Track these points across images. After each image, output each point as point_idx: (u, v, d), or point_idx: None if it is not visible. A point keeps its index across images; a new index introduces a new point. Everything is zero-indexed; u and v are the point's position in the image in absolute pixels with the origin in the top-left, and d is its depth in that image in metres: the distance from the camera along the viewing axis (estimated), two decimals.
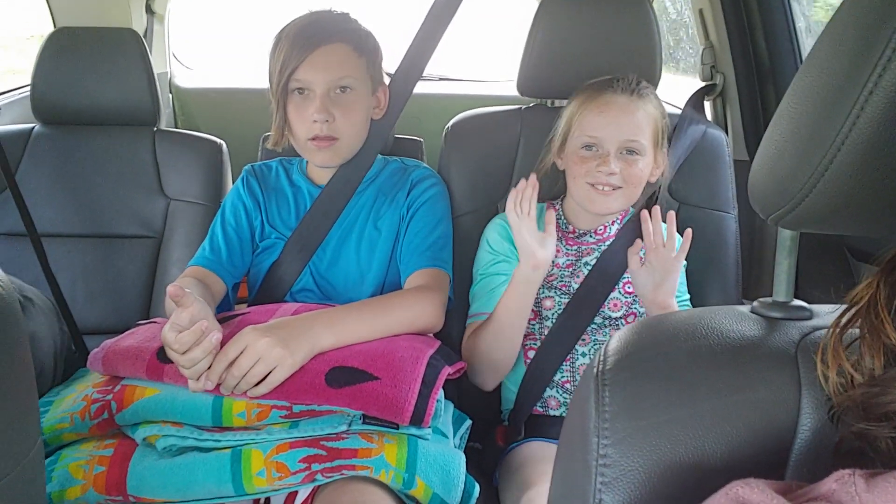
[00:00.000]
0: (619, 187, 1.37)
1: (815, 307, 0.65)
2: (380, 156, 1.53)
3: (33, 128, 1.82)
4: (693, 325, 0.61)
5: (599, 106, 1.38)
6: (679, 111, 1.64)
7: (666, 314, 0.67)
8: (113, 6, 2.52)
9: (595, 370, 0.60)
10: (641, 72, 1.48)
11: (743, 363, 0.59)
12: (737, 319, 0.62)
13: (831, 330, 0.55)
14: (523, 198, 1.31)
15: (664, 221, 1.36)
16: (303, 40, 1.35)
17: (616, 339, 0.62)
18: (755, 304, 0.65)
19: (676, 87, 2.00)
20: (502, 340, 1.37)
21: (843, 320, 0.55)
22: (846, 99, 0.48)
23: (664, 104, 1.46)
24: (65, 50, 1.80)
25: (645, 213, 1.36)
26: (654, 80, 1.55)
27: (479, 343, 1.39)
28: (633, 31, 1.56)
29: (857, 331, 0.54)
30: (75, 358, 1.41)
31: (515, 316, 1.36)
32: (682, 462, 0.55)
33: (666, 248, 1.33)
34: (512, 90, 1.65)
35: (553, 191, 1.51)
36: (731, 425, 0.56)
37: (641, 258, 1.36)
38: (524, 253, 1.31)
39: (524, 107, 1.65)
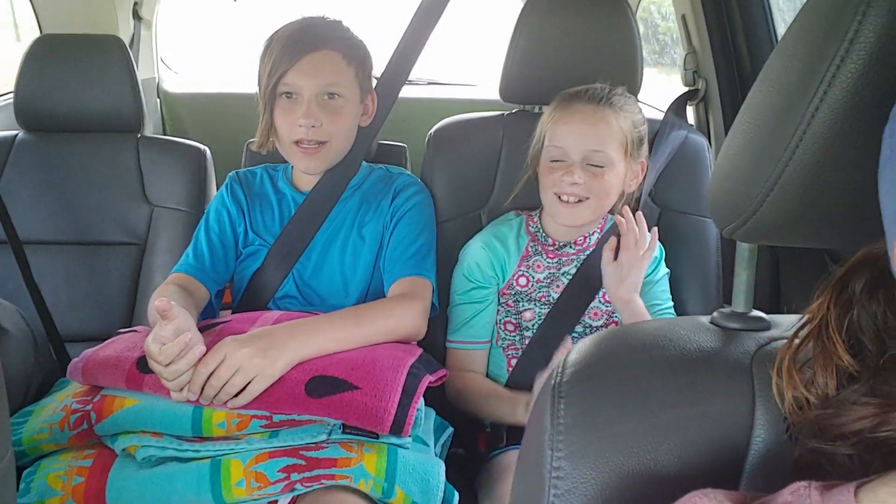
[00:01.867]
0: (586, 198, 1.37)
1: (774, 318, 0.66)
2: (365, 163, 1.53)
3: (16, 135, 1.82)
4: (652, 337, 0.61)
5: (566, 116, 1.38)
6: (661, 114, 1.64)
7: (629, 325, 0.67)
8: (99, 13, 2.52)
9: (552, 382, 0.60)
10: (623, 77, 1.48)
11: (698, 375, 0.59)
12: (695, 331, 0.63)
13: (785, 350, 0.55)
14: None
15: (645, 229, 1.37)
16: (294, 45, 1.35)
17: (575, 352, 0.62)
18: (715, 314, 0.66)
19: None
20: (481, 416, 1.42)
21: (797, 341, 0.55)
22: (794, 114, 0.49)
23: (652, 108, 1.47)
24: (48, 57, 1.79)
25: (627, 210, 1.37)
26: (635, 86, 1.56)
27: (464, 401, 1.42)
28: (615, 37, 1.56)
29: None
30: (56, 367, 1.40)
31: (501, 420, 1.39)
32: (636, 474, 0.56)
33: (637, 247, 1.36)
34: (497, 95, 1.65)
35: (532, 200, 1.51)
36: (686, 437, 0.57)
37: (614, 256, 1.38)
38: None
39: (507, 113, 1.66)
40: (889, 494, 0.45)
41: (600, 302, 1.44)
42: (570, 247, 1.46)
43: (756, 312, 0.65)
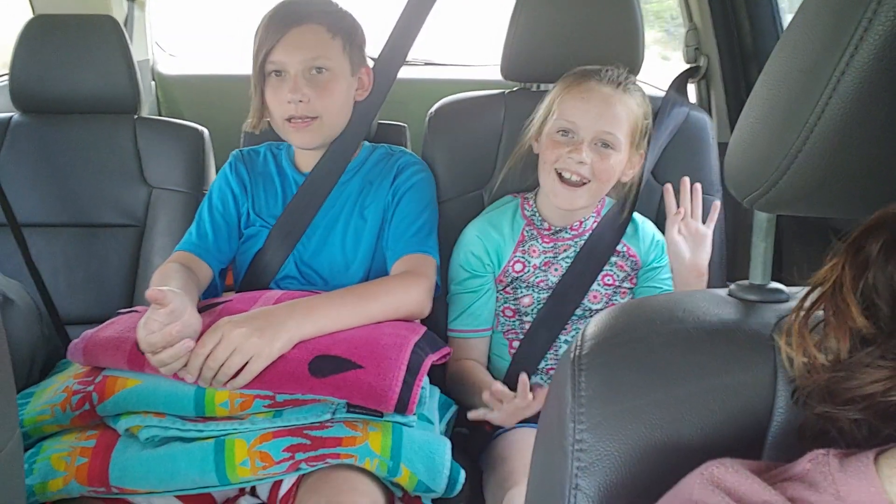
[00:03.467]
0: (587, 182, 1.35)
1: (792, 289, 0.65)
2: (366, 143, 1.52)
3: (12, 117, 1.80)
4: (670, 309, 0.61)
5: (582, 92, 1.36)
6: (661, 93, 1.63)
7: (647, 298, 0.67)
8: None
9: (572, 355, 0.59)
10: (624, 57, 1.47)
11: (719, 346, 0.58)
12: (714, 303, 0.62)
13: (795, 312, 0.55)
14: None
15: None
16: (276, 22, 1.35)
17: (593, 324, 0.61)
18: (732, 287, 0.65)
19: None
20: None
21: (808, 303, 0.55)
22: (818, 80, 0.47)
23: (653, 87, 1.46)
24: (42, 38, 1.77)
25: (685, 181, 1.42)
26: (636, 66, 1.55)
27: (460, 389, 1.40)
28: (616, 16, 1.55)
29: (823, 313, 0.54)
30: (57, 349, 1.39)
31: None
32: (658, 445, 0.55)
33: (694, 217, 1.40)
34: (499, 74, 1.64)
35: (528, 182, 1.50)
36: (708, 408, 0.56)
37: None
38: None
39: (508, 91, 1.64)
40: None
41: (599, 285, 1.43)
42: (567, 231, 1.44)
43: (774, 284, 0.65)
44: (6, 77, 1.81)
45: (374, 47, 1.50)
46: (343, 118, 1.42)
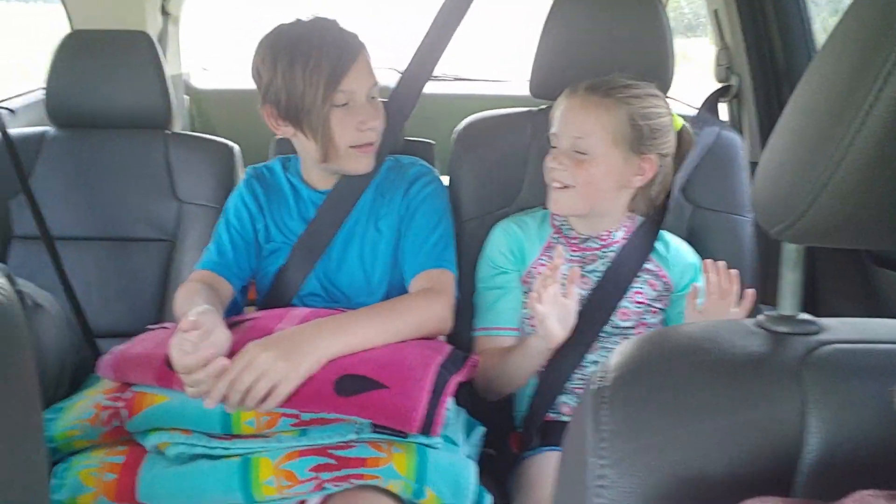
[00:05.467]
0: (572, 187, 1.36)
1: (823, 321, 0.64)
2: None
3: (47, 131, 1.83)
4: (697, 341, 0.60)
5: (565, 100, 1.39)
6: (694, 110, 1.62)
7: (671, 328, 0.66)
8: (128, 9, 2.53)
9: (595, 387, 0.58)
10: (653, 72, 1.46)
11: (746, 380, 0.57)
12: (742, 334, 0.61)
13: None
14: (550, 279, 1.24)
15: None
16: (340, 52, 1.31)
17: (617, 355, 0.60)
18: (761, 317, 0.64)
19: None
20: (511, 385, 1.39)
21: None
22: (847, 112, 0.47)
23: (684, 104, 1.43)
24: (78, 53, 1.81)
25: (709, 262, 1.28)
26: (666, 81, 1.54)
27: (487, 376, 1.39)
28: (645, 33, 1.54)
29: None
30: (87, 363, 1.41)
31: (526, 372, 1.36)
32: (684, 483, 0.54)
33: (723, 301, 1.26)
34: (528, 89, 1.63)
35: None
36: (735, 444, 0.55)
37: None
38: (547, 335, 1.26)
39: (536, 109, 1.64)
40: None
41: (629, 302, 1.42)
42: (594, 241, 1.44)
43: (804, 315, 0.63)
44: (42, 91, 1.85)
45: (400, 61, 1.50)
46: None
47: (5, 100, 2.26)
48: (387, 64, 2.62)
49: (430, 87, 1.52)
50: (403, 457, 1.09)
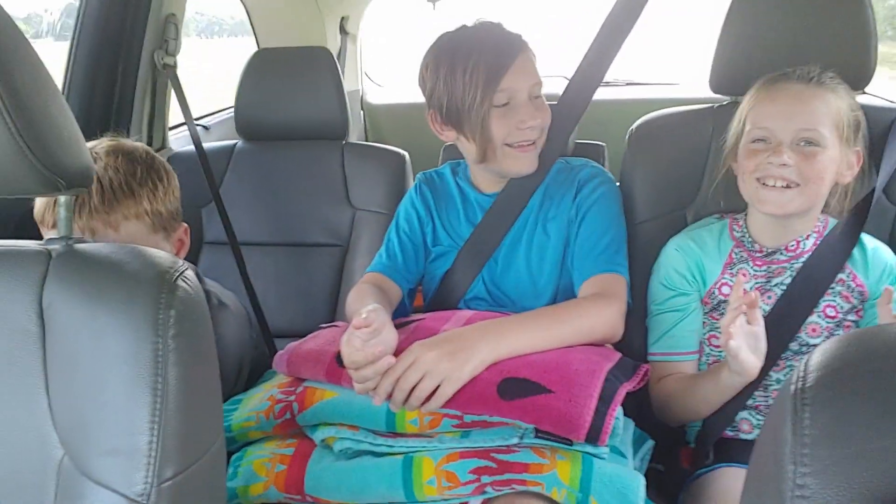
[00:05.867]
0: (796, 184, 1.22)
1: None
2: None
3: (236, 144, 1.96)
4: None
5: (771, 95, 1.26)
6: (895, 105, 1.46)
7: (882, 326, 0.57)
8: (310, 27, 2.68)
9: (793, 388, 0.51)
10: (851, 67, 1.33)
11: None
12: None
13: None
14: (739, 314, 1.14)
15: None
16: (498, 53, 1.32)
17: (820, 353, 0.53)
18: None
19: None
20: (697, 415, 1.32)
21: None
22: None
23: (883, 99, 1.30)
24: (264, 70, 1.92)
25: None
26: (866, 76, 1.39)
27: (668, 404, 1.32)
28: (843, 21, 1.40)
29: None
30: (265, 359, 1.48)
31: (715, 405, 1.28)
32: None
33: None
34: (704, 93, 1.54)
35: (737, 202, 1.38)
36: None
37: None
38: (742, 370, 1.16)
39: (717, 105, 1.54)
40: None
41: (820, 317, 1.28)
42: (781, 253, 1.31)
43: None
44: (231, 110, 1.98)
45: (570, 66, 1.46)
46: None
47: (201, 118, 2.45)
48: (559, 72, 2.59)
49: (601, 93, 1.47)
50: (568, 465, 1.04)
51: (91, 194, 1.19)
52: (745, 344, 1.14)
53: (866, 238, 1.32)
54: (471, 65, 1.30)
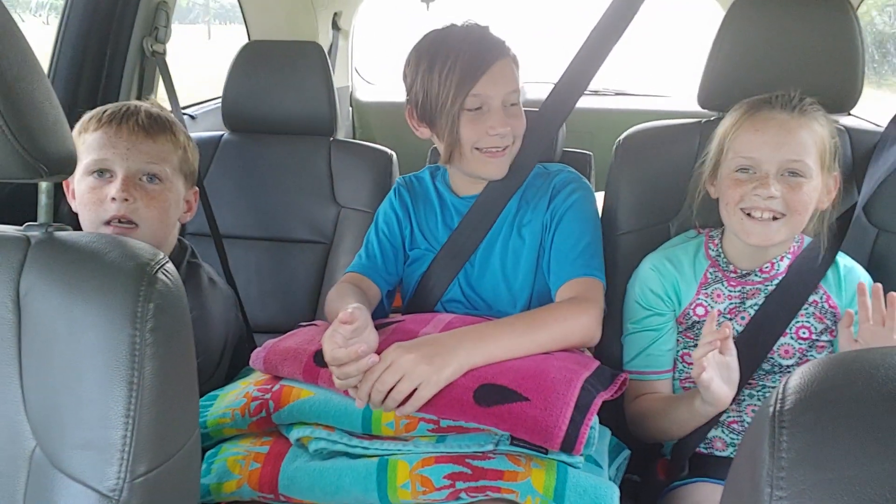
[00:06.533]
0: (782, 215, 1.23)
1: None
2: None
3: (222, 135, 1.94)
4: (894, 364, 0.51)
5: (755, 124, 1.26)
6: (879, 129, 1.47)
7: (862, 351, 0.57)
8: (303, 22, 2.67)
9: (771, 409, 0.51)
10: (837, 88, 1.34)
11: None
12: None
13: None
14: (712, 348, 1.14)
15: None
16: (476, 56, 1.32)
17: (799, 376, 0.53)
18: None
19: (880, 102, 1.80)
20: (671, 436, 1.32)
21: None
22: None
23: (867, 122, 1.31)
24: (254, 61, 1.90)
25: (863, 285, 1.21)
26: (853, 97, 1.42)
27: (643, 423, 1.33)
28: (833, 42, 1.41)
29: None
30: (244, 355, 1.47)
31: (688, 429, 1.28)
32: None
33: (885, 327, 1.16)
34: (694, 106, 1.55)
35: (710, 219, 1.39)
36: None
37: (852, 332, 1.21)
38: (715, 400, 1.16)
39: (704, 120, 1.55)
40: None
41: (793, 338, 1.29)
42: (756, 274, 1.32)
43: None
44: (218, 101, 1.96)
45: (555, 73, 1.46)
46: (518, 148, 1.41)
47: (187, 107, 2.43)
48: (549, 78, 2.60)
49: (591, 102, 1.47)
50: (542, 473, 1.04)
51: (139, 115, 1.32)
52: (718, 375, 1.15)
53: (841, 258, 1.33)
54: (448, 65, 1.31)
